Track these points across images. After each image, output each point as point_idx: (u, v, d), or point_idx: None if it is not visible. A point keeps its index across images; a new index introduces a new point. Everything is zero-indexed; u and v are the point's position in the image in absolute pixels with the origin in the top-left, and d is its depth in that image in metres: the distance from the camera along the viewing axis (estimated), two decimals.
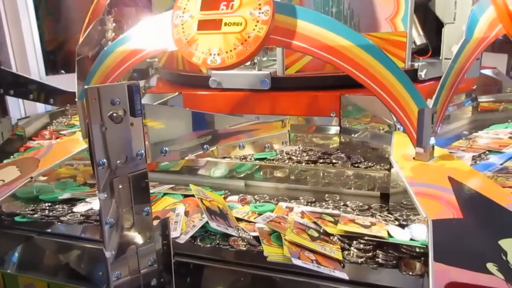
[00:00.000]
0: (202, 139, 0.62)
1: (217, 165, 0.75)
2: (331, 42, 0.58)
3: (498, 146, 0.79)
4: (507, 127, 0.91)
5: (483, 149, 0.78)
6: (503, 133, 0.87)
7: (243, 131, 0.65)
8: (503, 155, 0.75)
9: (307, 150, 0.77)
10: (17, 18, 1.59)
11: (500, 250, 0.43)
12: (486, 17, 0.68)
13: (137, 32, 0.70)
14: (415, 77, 0.83)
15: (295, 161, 0.72)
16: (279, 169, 0.72)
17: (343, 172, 0.68)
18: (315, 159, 0.72)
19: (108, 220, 0.43)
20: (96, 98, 0.40)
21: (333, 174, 0.69)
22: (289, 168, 0.71)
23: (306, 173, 0.70)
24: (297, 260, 0.45)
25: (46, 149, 0.80)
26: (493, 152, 0.77)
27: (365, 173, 0.67)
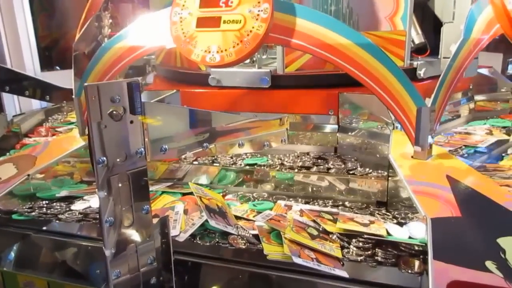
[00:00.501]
0: (201, 136, 0.61)
1: (198, 173, 0.73)
2: (330, 41, 0.58)
3: (474, 142, 0.81)
4: (486, 123, 0.93)
5: (459, 144, 0.79)
6: (480, 129, 0.89)
7: (241, 129, 0.65)
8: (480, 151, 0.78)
9: (302, 155, 0.75)
10: (12, 13, 1.57)
11: (498, 248, 0.43)
12: (484, 17, 0.68)
13: (135, 29, 0.69)
14: (414, 75, 0.83)
15: (287, 167, 0.69)
16: (265, 182, 0.70)
17: (334, 187, 0.66)
18: (309, 165, 0.70)
19: (107, 218, 0.42)
20: (95, 95, 0.40)
21: (324, 189, 0.67)
22: (275, 182, 0.69)
23: (294, 187, 0.68)
24: (298, 259, 0.45)
25: (42, 146, 0.79)
26: (469, 147, 0.79)
27: (359, 188, 0.65)
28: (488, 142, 0.80)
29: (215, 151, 0.63)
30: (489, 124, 0.93)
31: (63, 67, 1.75)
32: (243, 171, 0.71)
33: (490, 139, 0.82)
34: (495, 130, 0.88)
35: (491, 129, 0.89)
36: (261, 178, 0.70)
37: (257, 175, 0.70)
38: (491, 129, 0.89)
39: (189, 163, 0.72)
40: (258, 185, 0.70)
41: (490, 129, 0.89)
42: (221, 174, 0.71)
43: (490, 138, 0.83)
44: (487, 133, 0.87)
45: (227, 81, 0.82)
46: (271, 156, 0.75)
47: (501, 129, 0.89)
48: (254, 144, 0.65)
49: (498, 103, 1.06)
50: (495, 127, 0.91)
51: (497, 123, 0.93)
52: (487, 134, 0.86)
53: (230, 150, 0.65)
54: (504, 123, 0.93)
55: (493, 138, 0.83)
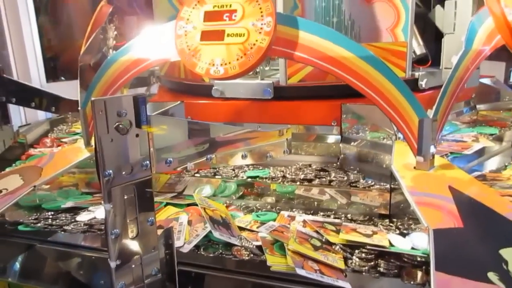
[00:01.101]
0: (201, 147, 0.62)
1: (199, 185, 0.73)
2: (332, 53, 0.59)
3: (460, 149, 0.81)
4: (473, 131, 0.94)
5: (446, 151, 0.79)
6: (467, 136, 0.90)
7: (241, 139, 0.66)
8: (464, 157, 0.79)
9: (304, 167, 0.75)
10: (18, 24, 1.60)
11: (501, 260, 0.43)
12: (485, 28, 0.69)
13: (140, 42, 0.70)
14: (415, 86, 0.83)
15: (289, 180, 0.70)
16: (265, 196, 0.70)
17: (335, 201, 0.66)
18: (311, 178, 0.70)
19: (113, 230, 0.43)
20: (102, 110, 0.41)
21: (325, 203, 0.67)
22: (275, 196, 0.69)
23: (295, 201, 0.68)
24: (301, 270, 0.46)
25: (48, 157, 0.80)
26: (455, 153, 0.79)
27: (361, 202, 0.65)
28: (473, 149, 0.81)
29: (216, 162, 0.64)
30: (476, 132, 0.93)
31: (68, 77, 1.77)
32: (244, 184, 0.71)
33: (476, 146, 0.82)
34: (481, 137, 0.89)
35: (477, 136, 0.90)
36: (262, 192, 0.70)
37: (258, 188, 0.70)
38: (477, 136, 0.90)
39: (190, 175, 0.73)
40: (259, 199, 0.70)
41: (477, 136, 0.89)
42: (221, 187, 0.72)
43: (476, 144, 0.83)
44: (473, 140, 0.87)
45: (230, 92, 0.82)
46: (273, 168, 0.75)
47: (488, 136, 0.89)
48: (255, 155, 0.66)
49: (501, 112, 1.06)
50: (482, 134, 0.91)
51: (484, 130, 0.94)
52: (473, 141, 0.86)
53: (230, 160, 0.66)
54: (492, 130, 0.94)
55: (479, 144, 0.83)
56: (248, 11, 0.59)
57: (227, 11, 0.61)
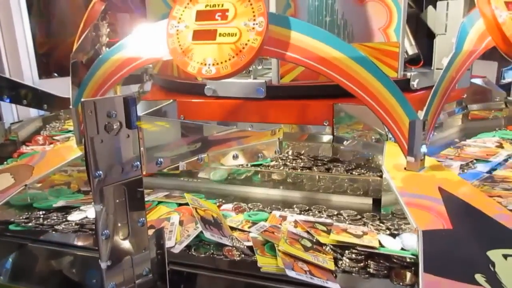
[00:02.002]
0: (193, 146, 0.62)
1: (216, 169, 0.76)
2: (323, 54, 0.59)
3: (485, 155, 0.80)
4: (495, 136, 0.93)
5: (471, 158, 0.79)
6: (490, 142, 0.88)
7: (233, 138, 0.66)
8: (489, 163, 0.77)
9: (301, 155, 0.78)
10: (10, 22, 1.58)
11: (488, 261, 0.44)
12: (476, 30, 0.69)
13: (133, 40, 0.70)
14: (407, 86, 0.84)
15: (290, 167, 0.73)
16: (276, 173, 0.73)
17: (337, 177, 0.69)
18: (309, 166, 0.73)
19: (103, 231, 0.43)
20: (92, 110, 0.40)
21: (329, 178, 0.70)
22: (286, 173, 0.72)
23: (302, 176, 0.71)
24: (291, 272, 0.46)
25: (40, 156, 0.80)
26: (480, 161, 0.78)
27: (359, 178, 0.68)
28: (501, 156, 0.79)
29: (208, 160, 0.64)
30: (498, 136, 0.91)
31: (61, 74, 1.76)
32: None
33: (503, 153, 0.81)
34: (505, 143, 0.87)
35: (500, 141, 0.88)
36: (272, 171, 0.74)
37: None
38: (500, 141, 0.88)
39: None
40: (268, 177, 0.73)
41: (500, 142, 0.88)
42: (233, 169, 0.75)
43: (503, 151, 0.82)
44: (497, 146, 0.86)
45: (223, 91, 0.83)
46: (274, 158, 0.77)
47: (511, 141, 0.88)
48: (246, 155, 0.66)
49: (492, 112, 1.07)
50: (505, 139, 0.89)
51: (505, 135, 0.92)
52: (497, 147, 0.85)
53: (222, 160, 0.66)
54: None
55: (505, 151, 0.82)
56: (240, 11, 0.59)
57: (219, 11, 0.61)
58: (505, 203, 0.62)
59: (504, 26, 0.69)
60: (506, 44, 0.70)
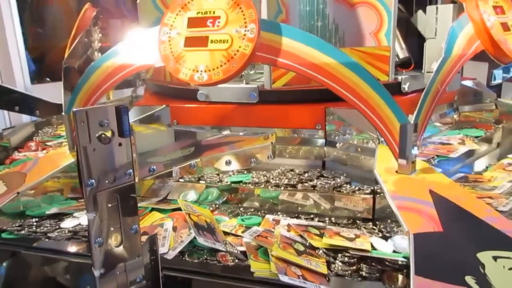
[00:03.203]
0: (187, 151, 0.62)
1: (182, 191, 0.73)
2: (315, 60, 0.60)
3: (446, 152, 0.82)
4: (460, 133, 0.95)
5: (432, 155, 0.81)
6: (454, 139, 0.91)
7: (226, 143, 0.66)
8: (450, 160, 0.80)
9: (288, 171, 0.75)
10: (1, 26, 1.58)
11: (478, 263, 0.44)
12: (465, 34, 0.70)
13: (125, 47, 0.70)
14: (398, 90, 0.85)
15: (273, 185, 0.69)
16: (249, 200, 0.70)
17: (319, 205, 0.66)
18: (294, 183, 0.69)
19: (96, 239, 0.43)
20: (84, 120, 0.41)
21: (309, 207, 0.67)
22: (259, 201, 0.69)
23: (280, 206, 0.68)
24: (284, 277, 0.46)
25: (32, 162, 0.79)
26: (441, 157, 0.80)
27: (344, 206, 0.65)
28: (459, 152, 0.82)
29: (201, 165, 0.64)
30: (463, 134, 0.94)
31: (53, 79, 1.75)
32: (227, 190, 0.71)
33: (462, 149, 0.84)
34: (467, 140, 0.90)
35: (463, 138, 0.91)
36: (246, 197, 0.70)
37: (242, 194, 0.71)
38: (463, 138, 0.91)
39: (174, 180, 0.73)
40: (242, 204, 0.70)
41: (463, 139, 0.90)
42: (204, 194, 0.72)
43: (462, 148, 0.85)
44: (459, 142, 0.88)
45: (216, 96, 0.83)
46: (256, 172, 0.75)
47: (474, 139, 0.91)
48: (240, 159, 0.66)
49: (483, 113, 1.08)
50: (468, 136, 0.92)
51: (470, 133, 0.95)
52: (459, 144, 0.87)
53: (215, 164, 0.66)
54: (477, 132, 0.95)
55: (465, 147, 0.85)
56: (232, 18, 0.60)
57: (210, 18, 0.61)
58: (495, 205, 0.63)
59: (492, 30, 0.70)
60: (495, 48, 0.71)
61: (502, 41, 0.71)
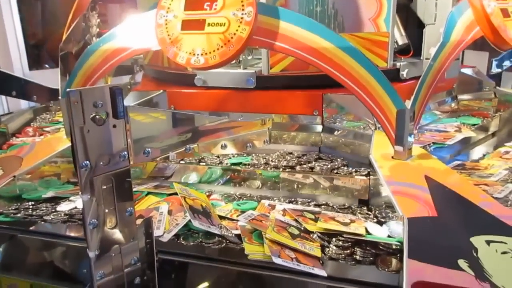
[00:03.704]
0: (183, 137, 0.62)
1: (186, 172, 0.73)
2: (312, 44, 0.59)
3: (443, 139, 0.83)
4: (457, 121, 0.95)
5: (428, 142, 0.81)
6: (450, 126, 0.91)
7: (223, 128, 0.66)
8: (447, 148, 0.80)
9: (286, 154, 0.76)
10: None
11: (471, 247, 0.44)
12: (464, 20, 0.70)
13: (122, 31, 0.70)
14: (397, 76, 0.84)
15: (272, 166, 0.70)
16: (251, 179, 0.70)
17: (318, 184, 0.67)
18: (293, 165, 0.70)
19: (91, 220, 0.43)
20: (78, 100, 0.40)
21: (308, 185, 0.68)
22: (261, 179, 0.70)
23: (280, 184, 0.69)
24: (278, 259, 0.47)
25: (29, 147, 0.79)
26: (437, 144, 0.80)
27: (342, 185, 0.66)
28: (455, 139, 0.82)
29: (198, 150, 0.64)
30: (460, 122, 0.94)
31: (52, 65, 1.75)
32: (230, 170, 0.71)
33: (458, 136, 0.84)
34: (463, 128, 0.90)
35: (460, 126, 0.91)
36: (248, 176, 0.71)
37: (244, 173, 0.71)
38: (460, 126, 0.91)
39: (176, 162, 0.73)
40: (245, 183, 0.71)
41: (460, 126, 0.90)
42: (208, 173, 0.72)
43: (458, 135, 0.85)
44: (456, 130, 0.88)
45: (213, 81, 0.82)
46: (255, 155, 0.75)
47: (471, 126, 0.91)
48: (237, 144, 0.66)
49: (482, 102, 1.08)
50: (465, 124, 0.92)
51: (466, 120, 0.95)
52: (456, 132, 0.87)
53: (213, 149, 0.66)
54: (475, 120, 0.95)
55: (461, 135, 0.85)
56: (229, 1, 0.59)
57: (207, 0, 0.61)
58: (491, 191, 0.63)
59: (492, 16, 0.70)
60: (494, 34, 0.71)
61: (501, 28, 0.70)
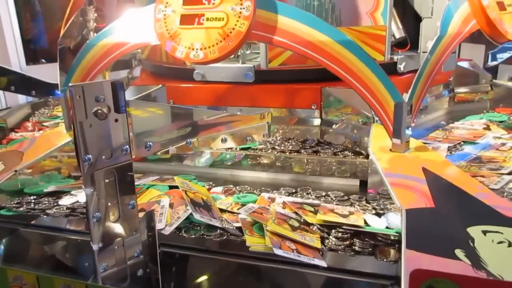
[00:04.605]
0: (183, 131, 0.63)
1: (202, 154, 0.77)
2: (310, 38, 0.60)
3: (473, 137, 0.82)
4: (482, 118, 0.94)
5: (458, 140, 0.81)
6: (478, 124, 0.90)
7: (223, 123, 0.66)
8: (477, 145, 0.79)
9: (289, 139, 0.79)
10: None
11: (468, 237, 0.45)
12: (461, 13, 0.70)
13: (120, 26, 0.70)
14: (394, 69, 0.85)
15: (279, 151, 0.74)
16: (265, 157, 0.74)
17: (325, 159, 0.71)
18: (297, 149, 0.74)
19: (94, 214, 0.44)
20: (80, 95, 0.41)
21: (317, 161, 0.71)
22: (274, 156, 0.74)
23: (291, 160, 0.72)
24: (279, 250, 0.47)
25: (29, 142, 0.80)
26: (468, 142, 0.80)
27: (346, 159, 0.70)
28: (486, 138, 0.81)
29: (198, 145, 0.64)
30: (486, 119, 0.93)
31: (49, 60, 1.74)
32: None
33: (489, 135, 0.82)
34: (492, 125, 0.89)
35: (488, 123, 0.90)
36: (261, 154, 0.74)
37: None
38: (488, 123, 0.90)
39: None
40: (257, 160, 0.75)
41: (487, 124, 0.89)
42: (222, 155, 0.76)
43: (489, 133, 0.83)
44: (484, 128, 0.87)
45: (212, 76, 0.83)
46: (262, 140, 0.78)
47: (498, 124, 0.89)
48: (236, 138, 0.67)
49: (478, 95, 1.09)
50: (492, 121, 0.91)
51: (493, 117, 0.94)
52: (484, 129, 0.86)
53: (212, 144, 0.67)
54: (501, 117, 0.94)
55: (491, 133, 0.83)
56: None
57: None
58: (487, 183, 0.64)
59: (488, 9, 0.70)
60: (490, 27, 0.71)
61: (497, 21, 0.71)
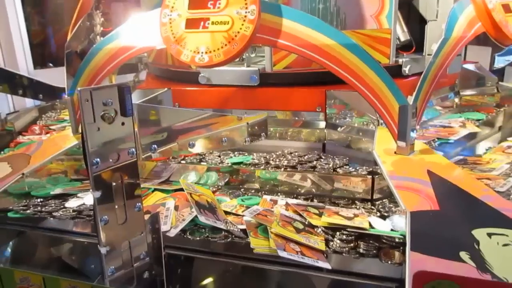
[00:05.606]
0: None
1: (184, 172, 0.73)
2: (315, 41, 0.60)
3: (447, 134, 0.83)
4: (461, 117, 0.95)
5: (433, 137, 0.81)
6: (455, 122, 0.91)
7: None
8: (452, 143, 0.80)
9: (287, 154, 0.76)
10: (4, 11, 1.57)
11: (473, 240, 0.45)
12: (466, 15, 0.70)
13: (126, 30, 0.71)
14: (399, 72, 0.85)
15: (273, 166, 0.70)
16: (250, 182, 0.71)
17: (319, 186, 0.67)
18: (294, 164, 0.70)
19: (102, 217, 0.44)
20: (88, 99, 0.42)
21: (308, 187, 0.67)
22: (259, 182, 0.70)
23: (280, 188, 0.69)
24: (283, 252, 0.48)
25: (37, 145, 0.81)
26: (442, 139, 0.81)
27: (345, 188, 0.66)
28: (460, 135, 0.83)
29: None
30: (464, 117, 0.95)
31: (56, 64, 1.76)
32: (229, 171, 0.72)
33: (462, 132, 0.84)
34: (468, 123, 0.90)
35: (465, 122, 0.91)
36: (247, 179, 0.71)
37: (243, 175, 0.71)
38: (465, 122, 0.91)
39: (176, 162, 0.74)
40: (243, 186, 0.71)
41: (464, 122, 0.91)
42: (204, 177, 0.72)
43: (463, 130, 0.85)
44: (460, 126, 0.89)
45: (217, 79, 0.83)
46: (257, 154, 0.76)
47: (475, 122, 0.91)
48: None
49: (485, 97, 1.08)
50: (469, 120, 0.93)
51: (471, 116, 0.95)
52: (460, 127, 0.88)
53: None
54: (479, 116, 0.95)
55: (465, 130, 0.85)
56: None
57: None
58: (493, 186, 0.64)
59: (493, 12, 0.70)
60: (496, 30, 0.71)
61: (503, 23, 0.71)
